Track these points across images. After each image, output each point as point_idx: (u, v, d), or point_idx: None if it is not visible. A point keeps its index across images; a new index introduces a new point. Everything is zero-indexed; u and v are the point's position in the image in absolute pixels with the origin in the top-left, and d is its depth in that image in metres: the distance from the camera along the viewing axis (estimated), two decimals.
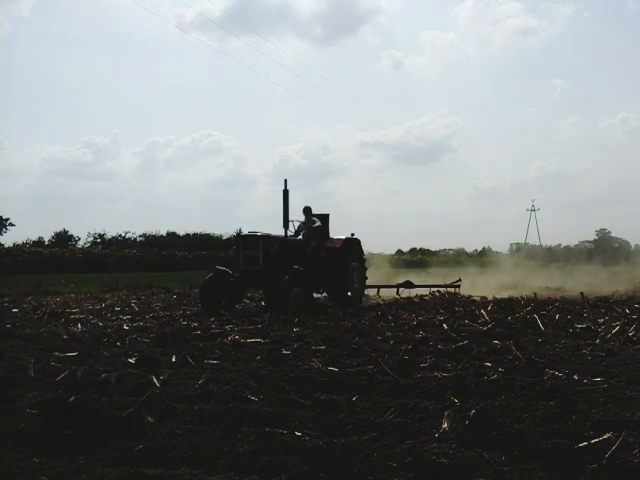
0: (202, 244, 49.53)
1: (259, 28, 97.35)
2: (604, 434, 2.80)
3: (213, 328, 7.63)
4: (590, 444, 2.73)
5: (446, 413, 3.15)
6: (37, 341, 6.53)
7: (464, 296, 13.86)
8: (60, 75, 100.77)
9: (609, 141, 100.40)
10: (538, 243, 70.76)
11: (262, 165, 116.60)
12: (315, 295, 12.72)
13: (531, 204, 76.65)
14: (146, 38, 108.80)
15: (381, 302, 13.16)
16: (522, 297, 11.91)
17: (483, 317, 8.41)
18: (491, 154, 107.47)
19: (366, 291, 14.17)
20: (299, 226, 12.64)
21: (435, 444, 2.79)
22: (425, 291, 15.01)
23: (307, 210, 12.76)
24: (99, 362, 5.16)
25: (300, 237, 12.40)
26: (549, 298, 12.09)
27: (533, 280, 18.33)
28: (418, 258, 62.59)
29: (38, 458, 2.70)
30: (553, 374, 4.30)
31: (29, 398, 3.69)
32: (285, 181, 11.46)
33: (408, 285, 15.43)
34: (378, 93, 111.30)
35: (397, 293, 14.80)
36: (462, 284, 15.64)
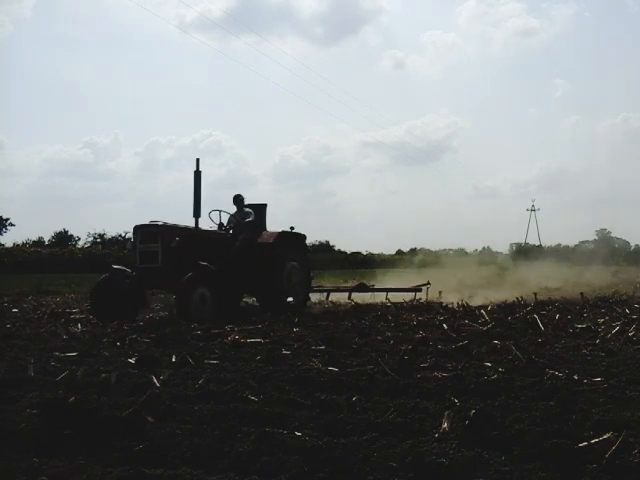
0: None
1: (260, 28, 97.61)
2: (604, 434, 2.80)
3: (213, 328, 7.62)
4: (590, 444, 2.72)
5: (446, 413, 3.15)
6: (37, 341, 6.53)
7: (434, 302, 11.88)
8: (61, 75, 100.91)
9: (610, 141, 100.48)
10: (538, 243, 70.80)
11: (263, 165, 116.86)
12: (249, 301, 11.39)
13: (531, 204, 76.71)
14: (147, 38, 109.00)
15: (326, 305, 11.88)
16: (520, 298, 11.89)
17: (483, 317, 8.40)
18: (491, 154, 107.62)
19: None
20: (229, 219, 10.96)
21: (435, 444, 2.79)
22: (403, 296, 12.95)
23: (238, 199, 11.02)
24: (99, 362, 5.16)
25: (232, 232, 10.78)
26: (549, 298, 12.08)
27: (529, 280, 18.09)
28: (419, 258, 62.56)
29: (38, 458, 2.70)
30: (553, 374, 4.29)
31: (29, 398, 3.68)
32: (197, 161, 9.80)
33: (362, 289, 13.71)
34: (379, 93, 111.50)
35: (349, 298, 12.93)
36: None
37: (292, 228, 11.11)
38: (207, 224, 10.51)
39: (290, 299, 10.41)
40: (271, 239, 10.62)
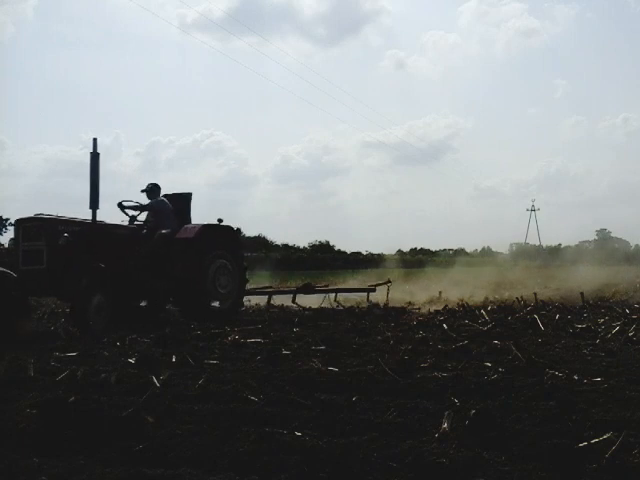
0: None
1: (261, 29, 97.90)
2: (604, 434, 2.80)
3: (213, 328, 7.62)
4: (590, 444, 2.72)
5: (446, 413, 3.15)
6: (37, 341, 6.52)
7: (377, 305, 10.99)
8: (62, 75, 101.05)
9: (610, 141, 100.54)
10: (538, 243, 70.85)
11: (263, 165, 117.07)
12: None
13: (531, 204, 76.76)
14: (148, 39, 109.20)
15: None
16: (520, 298, 11.89)
17: (483, 317, 8.41)
18: (492, 154, 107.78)
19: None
20: (140, 210, 9.52)
21: (435, 444, 2.79)
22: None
23: (152, 189, 9.49)
24: (99, 362, 5.16)
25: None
26: (549, 299, 12.08)
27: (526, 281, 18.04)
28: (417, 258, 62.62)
29: (38, 458, 2.70)
30: (553, 374, 4.29)
31: (29, 398, 3.68)
32: (94, 141, 8.42)
33: (307, 289, 12.35)
34: (380, 93, 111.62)
35: (293, 300, 11.58)
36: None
37: (220, 220, 9.67)
38: (119, 217, 9.23)
39: (215, 303, 9.20)
40: (193, 233, 9.17)
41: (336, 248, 61.48)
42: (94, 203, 8.24)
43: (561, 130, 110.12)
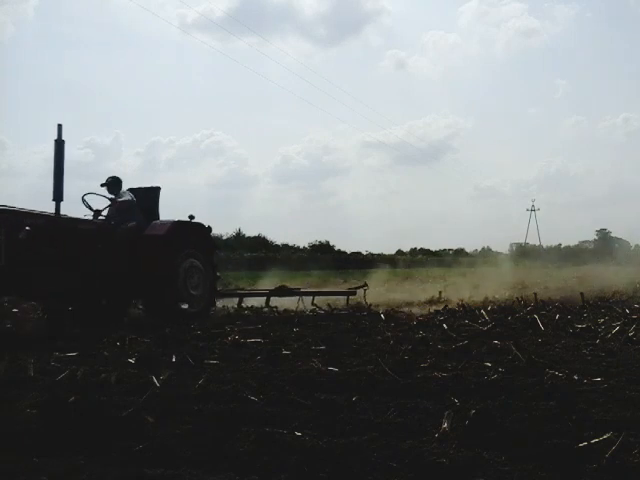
0: None
1: (261, 29, 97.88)
2: (604, 434, 2.80)
3: (213, 328, 7.63)
4: (590, 444, 2.72)
5: (446, 413, 3.15)
6: (37, 341, 6.52)
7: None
8: (62, 75, 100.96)
9: (610, 141, 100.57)
10: (538, 243, 70.90)
11: (264, 165, 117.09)
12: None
13: (531, 204, 76.81)
14: (148, 39, 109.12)
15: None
16: (520, 298, 11.89)
17: (483, 317, 8.40)
18: (492, 154, 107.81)
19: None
20: (109, 205, 8.98)
21: (435, 444, 2.79)
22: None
23: (113, 182, 8.94)
24: (99, 362, 5.16)
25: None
26: (549, 299, 12.07)
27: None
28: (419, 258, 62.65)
29: (38, 458, 2.70)
30: (553, 374, 4.29)
31: (29, 398, 3.68)
32: (59, 127, 7.70)
33: (283, 292, 11.71)
34: (380, 93, 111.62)
35: (267, 303, 11.18)
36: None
37: (192, 217, 9.13)
38: (82, 212, 8.69)
39: (185, 306, 8.68)
40: (163, 230, 8.70)
41: (336, 248, 61.50)
42: (58, 195, 7.48)
43: (561, 130, 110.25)
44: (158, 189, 9.57)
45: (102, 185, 8.96)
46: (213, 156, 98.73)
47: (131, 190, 9.30)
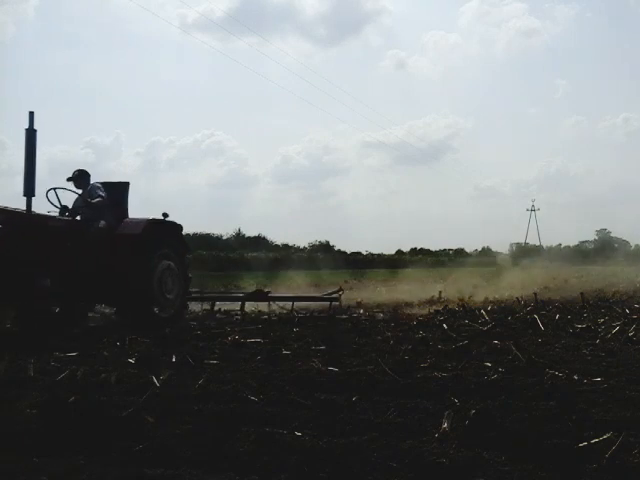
0: (202, 244, 49.55)
1: (262, 29, 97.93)
2: (604, 434, 2.80)
3: (213, 328, 7.63)
4: (590, 444, 2.73)
5: (446, 413, 3.15)
6: (37, 341, 6.51)
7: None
8: (62, 75, 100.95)
9: (610, 141, 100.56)
10: (538, 243, 70.92)
11: (264, 165, 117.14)
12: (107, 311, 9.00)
13: (531, 204, 76.84)
14: (148, 39, 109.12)
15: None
16: (520, 298, 11.89)
17: (483, 317, 8.41)
18: (492, 154, 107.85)
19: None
20: (76, 200, 8.30)
21: (435, 444, 2.79)
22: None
23: (81, 176, 8.25)
24: (99, 362, 5.16)
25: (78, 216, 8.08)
26: (549, 299, 12.08)
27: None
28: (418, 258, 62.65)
29: (38, 458, 2.70)
30: (553, 374, 4.29)
31: (29, 398, 3.68)
32: (30, 115, 6.95)
33: (258, 296, 10.98)
34: (380, 93, 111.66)
35: (241, 308, 10.40)
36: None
37: (165, 215, 8.50)
38: (46, 208, 7.99)
39: (155, 310, 8.08)
40: (139, 229, 8.10)
41: (336, 248, 61.50)
42: (29, 189, 6.85)
43: (561, 130, 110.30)
44: (127, 184, 8.83)
45: (69, 179, 8.27)
46: (213, 156, 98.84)
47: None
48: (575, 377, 4.22)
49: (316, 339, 6.33)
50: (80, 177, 8.25)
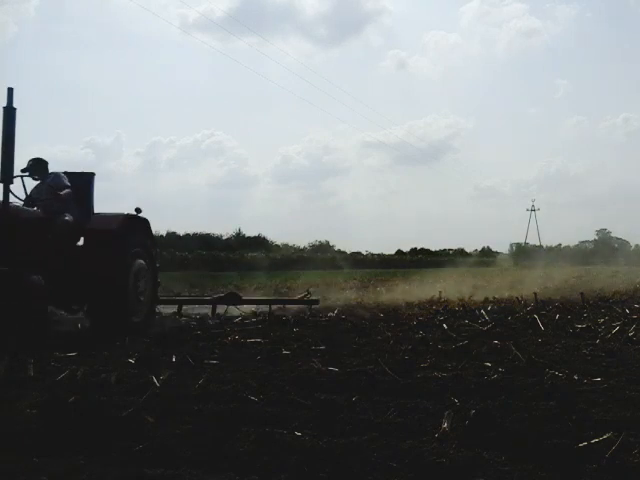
0: (202, 244, 49.58)
1: (262, 29, 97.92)
2: (604, 434, 2.80)
3: (213, 328, 7.63)
4: (590, 444, 2.73)
5: (446, 413, 3.15)
6: (37, 341, 6.51)
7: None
8: (63, 75, 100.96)
9: (611, 141, 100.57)
10: (538, 243, 70.97)
11: (264, 165, 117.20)
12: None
13: (531, 204, 76.89)
14: (149, 39, 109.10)
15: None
16: (520, 298, 11.88)
17: (483, 317, 8.41)
18: (492, 154, 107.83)
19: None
20: (33, 190, 7.48)
21: (435, 444, 2.79)
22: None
23: (37, 166, 7.39)
24: (99, 362, 5.16)
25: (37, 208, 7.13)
26: (549, 299, 12.08)
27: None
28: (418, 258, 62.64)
29: (38, 458, 2.70)
30: (553, 374, 4.29)
31: (29, 398, 3.68)
32: (9, 91, 6.26)
33: (231, 299, 10.21)
34: (380, 93, 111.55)
35: (212, 312, 9.78)
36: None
37: (138, 210, 7.70)
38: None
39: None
40: (115, 225, 7.30)
41: (336, 248, 61.48)
42: (8, 175, 6.09)
43: (561, 130, 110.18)
44: (92, 175, 7.94)
45: (24, 170, 7.35)
46: (213, 156, 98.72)
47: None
48: (575, 377, 4.22)
49: (316, 339, 6.33)
50: (37, 167, 7.38)
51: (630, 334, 6.39)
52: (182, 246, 45.70)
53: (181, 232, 53.58)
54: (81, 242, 7.35)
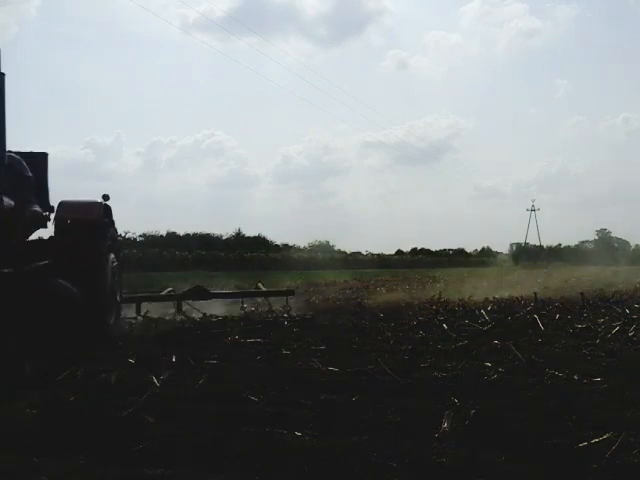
0: (202, 244, 49.57)
1: (262, 29, 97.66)
2: (604, 434, 2.80)
3: (213, 328, 7.63)
4: (590, 444, 2.73)
5: (446, 413, 3.15)
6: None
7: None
8: (63, 75, 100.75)
9: (611, 141, 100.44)
10: (538, 243, 70.97)
11: (264, 165, 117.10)
12: None
13: (531, 204, 76.88)
14: (149, 39, 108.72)
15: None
16: (520, 298, 11.88)
17: (483, 317, 8.40)
18: (493, 154, 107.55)
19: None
20: None
21: (435, 444, 2.79)
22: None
23: None
24: (99, 362, 5.15)
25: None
26: (549, 299, 12.07)
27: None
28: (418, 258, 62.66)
29: (38, 458, 2.70)
30: (553, 374, 4.29)
31: (29, 398, 3.68)
32: None
33: (197, 294, 9.46)
34: (381, 93, 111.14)
35: (179, 310, 9.09)
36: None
37: (106, 197, 6.68)
38: None
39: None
40: (92, 214, 6.32)
41: (336, 248, 61.49)
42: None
43: (562, 130, 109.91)
44: (45, 156, 6.84)
45: None
46: (214, 156, 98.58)
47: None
48: (575, 377, 4.22)
49: (316, 339, 6.33)
50: None
51: (630, 334, 6.39)
52: (182, 246, 45.68)
53: (181, 232, 53.59)
54: (51, 232, 6.35)
